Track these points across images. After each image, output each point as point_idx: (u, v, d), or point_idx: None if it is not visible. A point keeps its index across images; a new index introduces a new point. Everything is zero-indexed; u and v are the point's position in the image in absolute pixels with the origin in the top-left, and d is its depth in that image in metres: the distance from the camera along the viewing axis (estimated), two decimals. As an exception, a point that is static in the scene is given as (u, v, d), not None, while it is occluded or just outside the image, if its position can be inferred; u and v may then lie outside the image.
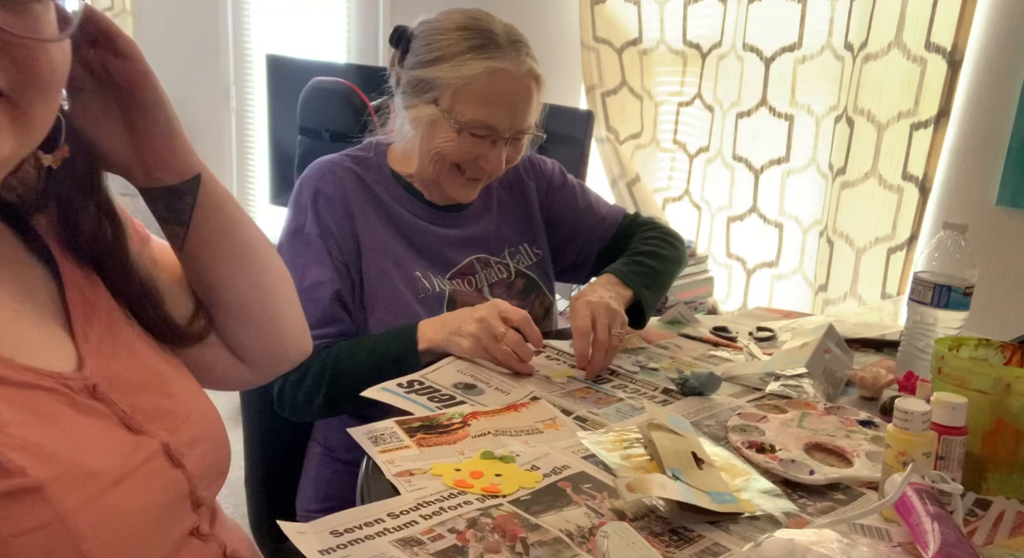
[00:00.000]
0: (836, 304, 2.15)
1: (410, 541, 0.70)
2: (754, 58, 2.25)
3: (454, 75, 1.18)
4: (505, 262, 1.35)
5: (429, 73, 1.20)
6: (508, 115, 1.21)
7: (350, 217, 1.23)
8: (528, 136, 1.27)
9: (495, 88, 1.19)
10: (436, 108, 1.21)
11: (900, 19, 1.93)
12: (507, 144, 1.23)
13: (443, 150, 1.22)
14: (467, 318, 1.13)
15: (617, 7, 2.51)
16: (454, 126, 1.20)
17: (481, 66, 1.18)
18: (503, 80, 1.19)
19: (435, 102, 1.21)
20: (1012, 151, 1.88)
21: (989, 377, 0.85)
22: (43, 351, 0.66)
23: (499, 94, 1.19)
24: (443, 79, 1.19)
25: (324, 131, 2.33)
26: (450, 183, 1.26)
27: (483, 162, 1.23)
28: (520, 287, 1.35)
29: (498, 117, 1.20)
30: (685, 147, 2.50)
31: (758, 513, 0.79)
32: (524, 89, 1.21)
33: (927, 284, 1.13)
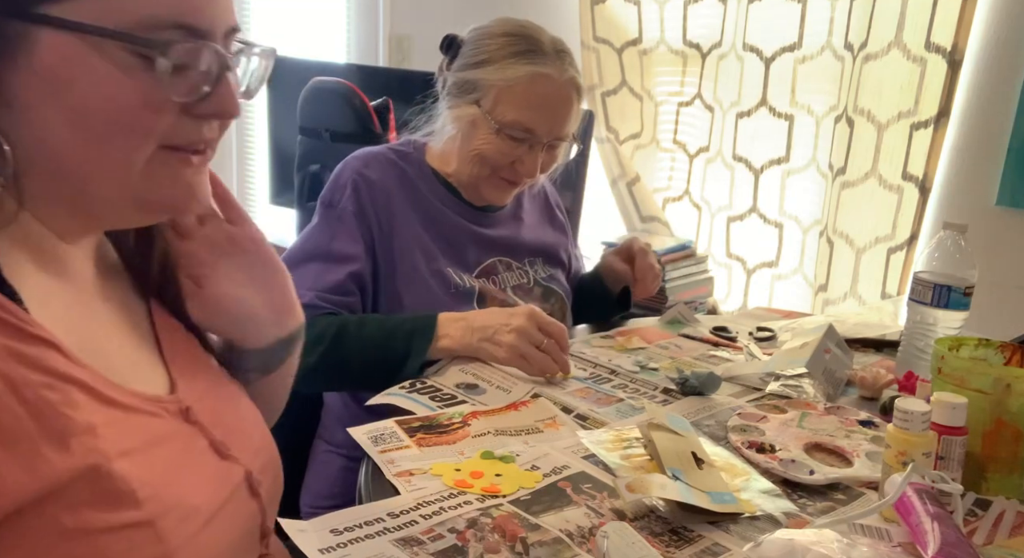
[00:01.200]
0: (836, 304, 2.15)
1: (410, 541, 0.70)
2: (754, 58, 2.25)
3: (498, 77, 1.23)
4: (525, 269, 1.39)
5: (474, 75, 1.25)
6: (548, 120, 1.24)
7: (388, 206, 1.26)
8: (565, 145, 1.30)
9: (537, 92, 1.23)
10: (478, 108, 1.24)
11: (900, 19, 1.93)
12: (544, 150, 1.27)
13: (482, 151, 1.25)
14: (502, 326, 1.12)
15: (617, 7, 2.51)
16: (494, 126, 1.23)
17: (525, 70, 1.22)
18: (545, 85, 1.23)
19: (477, 103, 1.25)
20: (1012, 151, 1.88)
21: (989, 377, 0.85)
22: (141, 372, 0.66)
23: (540, 98, 1.23)
24: (487, 81, 1.23)
25: (324, 131, 2.33)
26: (487, 185, 1.30)
27: (519, 166, 1.26)
28: (538, 294, 1.38)
29: (537, 121, 1.23)
30: (685, 147, 2.49)
31: (758, 513, 0.79)
32: (565, 96, 1.25)
33: (927, 284, 1.13)
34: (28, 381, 0.54)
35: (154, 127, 0.59)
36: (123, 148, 0.58)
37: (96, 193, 0.60)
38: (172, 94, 0.58)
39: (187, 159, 0.62)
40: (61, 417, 0.54)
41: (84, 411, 0.56)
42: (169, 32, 0.57)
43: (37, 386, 0.54)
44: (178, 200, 0.63)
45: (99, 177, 0.59)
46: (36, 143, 0.57)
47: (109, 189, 0.60)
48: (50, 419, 0.54)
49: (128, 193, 0.60)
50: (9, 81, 0.54)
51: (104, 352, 0.62)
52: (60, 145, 0.57)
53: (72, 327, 0.60)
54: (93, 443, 0.56)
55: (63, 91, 0.55)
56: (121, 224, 0.66)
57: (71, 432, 0.55)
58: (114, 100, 0.56)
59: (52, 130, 0.57)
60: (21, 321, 0.55)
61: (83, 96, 0.56)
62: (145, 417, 0.62)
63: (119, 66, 0.56)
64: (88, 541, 0.54)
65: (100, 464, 0.55)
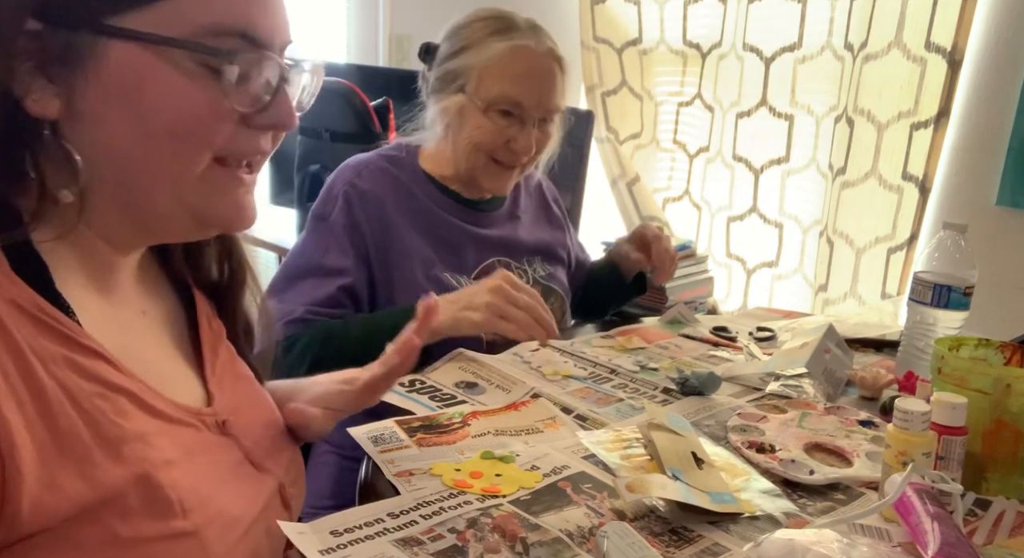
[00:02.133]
0: (836, 304, 2.15)
1: (410, 541, 0.70)
2: (754, 58, 2.25)
3: (478, 59, 1.24)
4: (524, 268, 1.39)
5: (455, 64, 1.26)
6: (533, 91, 1.24)
7: (382, 216, 1.25)
8: (556, 122, 1.30)
9: (518, 65, 1.23)
10: (463, 95, 1.25)
11: (900, 19, 1.93)
12: (535, 126, 1.26)
13: (474, 137, 1.26)
14: (476, 291, 1.12)
15: (617, 7, 2.51)
16: (480, 106, 1.24)
17: (503, 45, 1.23)
18: (525, 57, 1.24)
19: (462, 90, 1.25)
20: (1012, 151, 1.88)
21: (989, 377, 0.85)
22: (179, 385, 0.67)
23: (522, 70, 1.24)
24: (468, 65, 1.24)
25: (324, 131, 2.33)
26: (485, 174, 1.29)
27: (514, 144, 1.26)
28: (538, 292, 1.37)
29: (523, 92, 1.23)
30: (685, 147, 2.49)
31: (758, 513, 0.79)
32: (546, 67, 1.25)
33: (927, 284, 1.13)
34: (83, 390, 0.54)
35: (215, 136, 0.59)
36: (184, 157, 0.58)
37: (155, 204, 0.60)
38: (235, 103, 0.58)
39: (238, 178, 0.63)
40: (114, 425, 0.55)
41: (134, 420, 0.57)
42: (233, 41, 0.57)
43: (91, 395, 0.55)
44: (230, 216, 0.64)
45: (159, 188, 0.59)
46: (103, 154, 0.57)
47: (167, 201, 0.60)
48: (104, 427, 0.55)
49: (185, 205, 0.61)
50: (80, 93, 0.55)
51: (146, 363, 0.63)
52: (125, 156, 0.57)
53: (117, 338, 0.61)
54: (144, 452, 0.56)
55: (131, 101, 0.56)
56: (174, 237, 0.66)
57: (124, 440, 0.55)
58: (180, 108, 0.57)
59: (119, 141, 0.57)
60: (74, 332, 0.56)
61: (151, 105, 0.56)
62: (186, 428, 0.63)
63: (185, 75, 0.56)
64: (139, 549, 0.55)
65: (150, 473, 0.56)
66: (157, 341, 0.68)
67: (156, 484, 0.56)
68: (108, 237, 0.62)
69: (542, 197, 1.50)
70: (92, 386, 0.55)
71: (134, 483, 0.55)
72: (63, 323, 0.56)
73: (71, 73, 0.54)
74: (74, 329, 0.56)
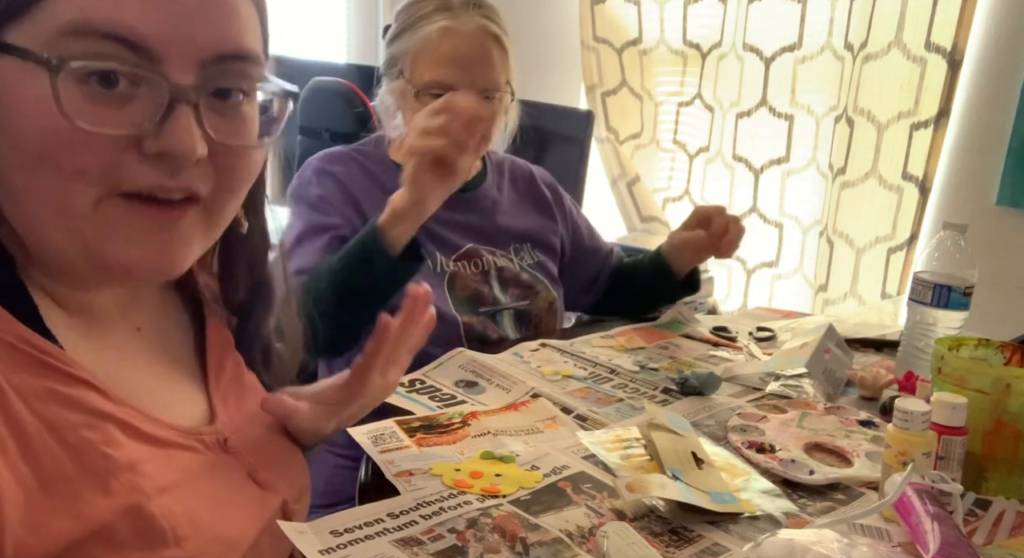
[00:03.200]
0: (836, 304, 2.15)
1: (410, 541, 0.70)
2: (754, 58, 2.25)
3: (412, 42, 1.23)
4: (510, 257, 1.37)
5: (395, 48, 1.26)
6: (463, 72, 1.21)
7: (352, 197, 1.25)
8: (502, 98, 1.26)
9: (445, 47, 1.22)
10: (403, 80, 1.25)
11: (900, 19, 1.93)
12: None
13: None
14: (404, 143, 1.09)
15: (617, 7, 2.51)
16: (415, 91, 1.23)
17: (433, 27, 1.22)
18: (452, 38, 1.22)
19: (401, 74, 1.25)
20: (1012, 151, 1.87)
21: (989, 377, 0.85)
22: (179, 402, 0.65)
23: (450, 52, 1.22)
24: (404, 50, 1.24)
25: (324, 131, 2.33)
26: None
27: None
28: (526, 279, 1.36)
29: (452, 75, 1.21)
30: (685, 147, 2.49)
31: (758, 513, 0.79)
32: (477, 45, 1.22)
33: (927, 284, 1.13)
34: (68, 423, 0.52)
35: (90, 163, 0.50)
36: (62, 186, 0.50)
37: (49, 240, 0.53)
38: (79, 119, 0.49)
39: (155, 214, 0.53)
40: (102, 457, 0.53)
41: (124, 449, 0.55)
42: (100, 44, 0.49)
43: (77, 427, 0.53)
44: (134, 261, 0.54)
45: (48, 220, 0.52)
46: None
47: (60, 236, 0.53)
48: (91, 459, 0.53)
49: (79, 243, 0.53)
50: None
51: (140, 383, 0.61)
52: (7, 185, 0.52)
53: (105, 362, 0.59)
54: (134, 481, 0.54)
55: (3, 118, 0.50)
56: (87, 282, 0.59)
57: (112, 471, 0.53)
58: (38, 129, 0.49)
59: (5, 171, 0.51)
60: (59, 362, 0.54)
61: (19, 126, 0.50)
62: (183, 452, 0.61)
63: (55, 93, 0.48)
64: None
65: (141, 503, 0.54)
66: (153, 359, 0.66)
67: (147, 514, 0.54)
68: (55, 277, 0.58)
69: (531, 185, 1.46)
70: (78, 417, 0.53)
71: (124, 514, 0.53)
72: (47, 352, 0.53)
73: None
74: (59, 357, 0.53)
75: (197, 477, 0.61)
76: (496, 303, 1.31)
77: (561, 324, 1.42)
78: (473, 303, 1.28)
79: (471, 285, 1.29)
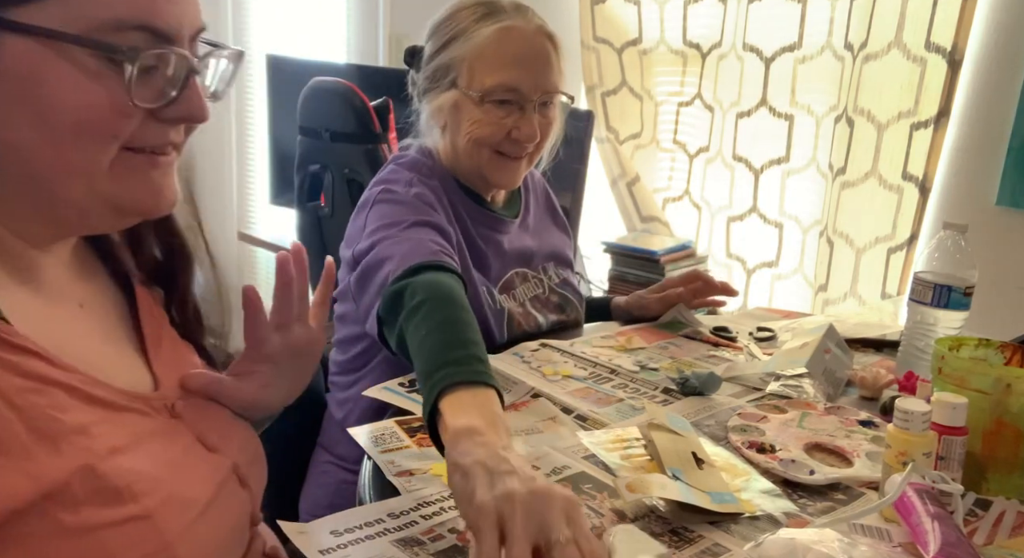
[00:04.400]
0: (836, 304, 2.15)
1: (410, 541, 0.70)
2: (754, 58, 2.25)
3: (467, 48, 1.18)
4: (540, 277, 1.37)
5: (443, 58, 1.20)
6: (529, 74, 1.18)
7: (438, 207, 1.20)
8: (557, 104, 1.23)
9: (509, 48, 1.17)
10: (456, 90, 1.19)
11: (900, 19, 1.93)
12: (536, 111, 1.20)
13: (473, 132, 1.20)
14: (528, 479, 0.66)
15: (617, 7, 2.51)
16: (476, 98, 1.17)
17: (490, 30, 1.17)
18: (515, 38, 1.18)
19: (454, 84, 1.20)
20: (1012, 151, 1.87)
21: (989, 377, 0.85)
22: (124, 372, 0.67)
23: (515, 52, 1.18)
24: (458, 57, 1.19)
25: (324, 131, 2.33)
26: (492, 168, 1.23)
27: (516, 133, 1.19)
28: (555, 301, 1.37)
29: (519, 77, 1.17)
30: (685, 147, 2.49)
31: (758, 513, 0.79)
32: (539, 46, 1.19)
33: (927, 284, 1.13)
34: (15, 387, 0.54)
35: (120, 131, 0.58)
36: (89, 151, 0.58)
37: (65, 196, 0.59)
38: (138, 100, 0.57)
39: (153, 160, 0.62)
40: (51, 420, 0.55)
41: (73, 413, 0.57)
42: (134, 35, 0.56)
43: (24, 391, 0.55)
44: (146, 200, 0.63)
45: (67, 180, 0.58)
46: (6, 151, 0.57)
47: (77, 192, 0.59)
48: (40, 422, 0.54)
49: (99, 196, 0.60)
50: None
51: (86, 355, 0.63)
52: (28, 149, 0.57)
53: (51, 334, 0.60)
54: (85, 443, 0.56)
55: (29, 96, 0.55)
56: (95, 229, 0.66)
57: (62, 434, 0.55)
58: (81, 105, 0.56)
59: (19, 134, 0.56)
60: (6, 333, 0.56)
61: (50, 101, 0.55)
62: (133, 414, 0.63)
63: (85, 71, 0.55)
64: (89, 537, 0.55)
65: (94, 464, 0.56)
66: (97, 332, 0.68)
67: (100, 473, 0.56)
68: (24, 233, 0.62)
69: (547, 199, 1.47)
70: (25, 382, 0.55)
71: (77, 474, 0.55)
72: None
73: None
74: (5, 330, 0.56)
75: (148, 438, 0.62)
76: (540, 328, 1.32)
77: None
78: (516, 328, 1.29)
79: (522, 321, 1.29)
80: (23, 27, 0.53)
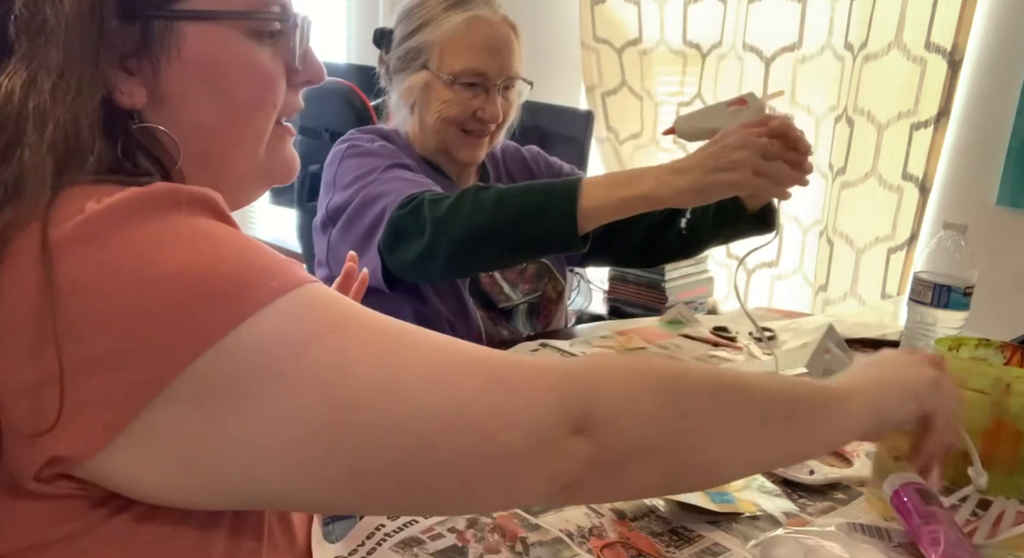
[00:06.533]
0: (836, 304, 2.15)
1: (410, 541, 0.70)
2: (754, 58, 2.25)
3: (438, 33, 1.25)
4: None
5: (415, 41, 1.27)
6: (495, 59, 1.26)
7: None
8: (518, 87, 1.31)
9: (477, 35, 1.25)
10: (427, 71, 1.26)
11: (900, 19, 1.93)
12: (500, 94, 1.28)
13: (443, 111, 1.27)
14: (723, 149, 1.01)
15: (617, 7, 2.51)
16: (447, 79, 1.25)
17: (461, 18, 1.25)
18: (483, 27, 1.25)
19: (425, 66, 1.27)
20: (1012, 151, 1.87)
21: (989, 377, 0.85)
22: None
23: (483, 40, 1.25)
24: (428, 41, 1.26)
25: (324, 131, 2.33)
26: (457, 145, 1.30)
27: (481, 113, 1.27)
28: (532, 271, 1.37)
29: (486, 62, 1.25)
30: (685, 148, 2.49)
31: (758, 513, 0.79)
32: (504, 34, 1.27)
33: (927, 284, 1.13)
34: None
35: (279, 100, 0.62)
36: (258, 123, 0.61)
37: (233, 170, 0.62)
38: (295, 62, 0.62)
39: (288, 129, 0.66)
40: None
41: None
42: (275, 7, 0.60)
43: None
44: (287, 167, 0.66)
45: (237, 153, 0.61)
46: (189, 131, 0.58)
47: (244, 165, 0.62)
48: None
49: (256, 167, 0.63)
50: (164, 76, 0.56)
51: None
52: (210, 130, 0.59)
53: None
54: None
55: (211, 77, 0.58)
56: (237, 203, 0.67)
57: None
58: (254, 77, 0.60)
59: (204, 117, 0.58)
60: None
61: (229, 78, 0.58)
62: None
63: (250, 46, 0.59)
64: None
65: None
66: None
67: None
68: None
69: (526, 170, 1.46)
70: None
71: None
72: None
73: (152, 61, 0.55)
74: None
75: None
76: (509, 301, 1.34)
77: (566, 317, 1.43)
78: (488, 301, 1.31)
79: (485, 288, 1.32)
80: (198, 14, 0.56)
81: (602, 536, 0.74)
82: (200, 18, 0.57)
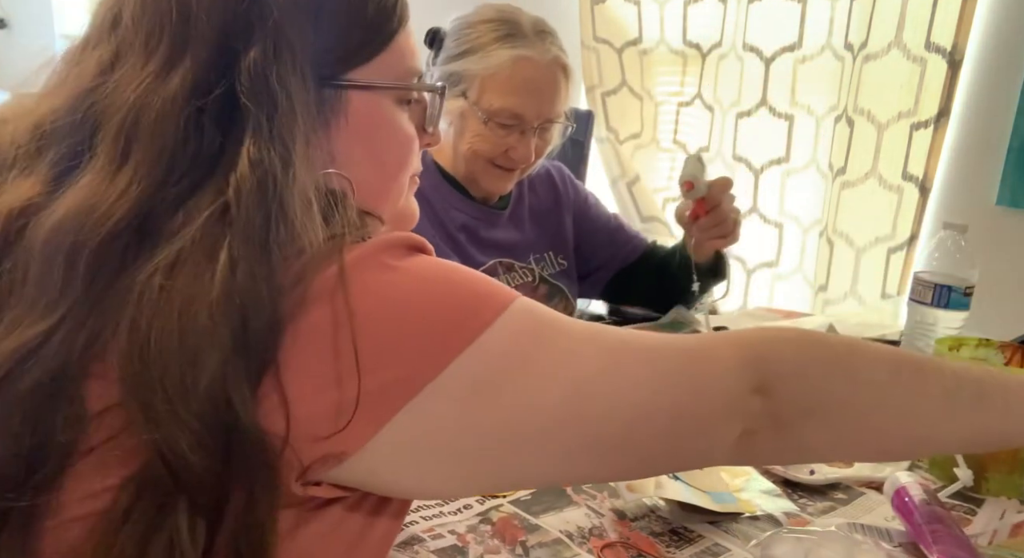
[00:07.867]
0: (836, 304, 2.15)
1: (410, 541, 0.70)
2: (754, 58, 2.25)
3: (481, 66, 1.22)
4: (530, 267, 1.37)
5: (458, 66, 1.24)
6: (535, 103, 1.23)
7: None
8: (556, 126, 1.29)
9: (520, 76, 1.21)
10: (465, 100, 1.24)
11: (900, 19, 1.93)
12: (535, 134, 1.25)
13: (474, 144, 1.25)
14: None
15: (617, 7, 2.51)
16: (482, 117, 1.23)
17: (506, 55, 1.21)
18: (528, 68, 1.22)
19: (464, 95, 1.24)
20: (1012, 151, 1.87)
21: (989, 377, 0.84)
22: None
23: (525, 82, 1.22)
24: (471, 71, 1.22)
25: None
26: (484, 176, 1.29)
27: (512, 153, 1.25)
28: (544, 292, 1.37)
29: (524, 105, 1.22)
30: (685, 147, 2.49)
31: (758, 513, 0.79)
32: (550, 77, 1.24)
33: (927, 284, 1.13)
34: None
35: (417, 158, 0.70)
36: (402, 179, 0.68)
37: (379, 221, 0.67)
38: (429, 126, 0.70)
39: (416, 182, 0.72)
40: None
41: None
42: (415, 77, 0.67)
43: None
44: (413, 217, 0.73)
45: (386, 207, 0.67)
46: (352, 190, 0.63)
47: (388, 216, 0.68)
48: None
49: (392, 217, 0.69)
50: (334, 141, 0.61)
51: None
52: (364, 183, 0.64)
53: None
54: None
55: (371, 140, 0.64)
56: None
57: None
58: (402, 141, 0.66)
59: (362, 174, 0.63)
60: None
61: (383, 142, 0.65)
62: None
63: (399, 113, 0.66)
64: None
65: None
66: None
67: None
68: None
69: (552, 188, 1.46)
70: None
71: None
72: None
73: (326, 125, 0.61)
74: None
75: None
76: None
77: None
78: None
79: None
80: (363, 84, 0.62)
81: (602, 536, 0.74)
82: (365, 88, 0.63)
